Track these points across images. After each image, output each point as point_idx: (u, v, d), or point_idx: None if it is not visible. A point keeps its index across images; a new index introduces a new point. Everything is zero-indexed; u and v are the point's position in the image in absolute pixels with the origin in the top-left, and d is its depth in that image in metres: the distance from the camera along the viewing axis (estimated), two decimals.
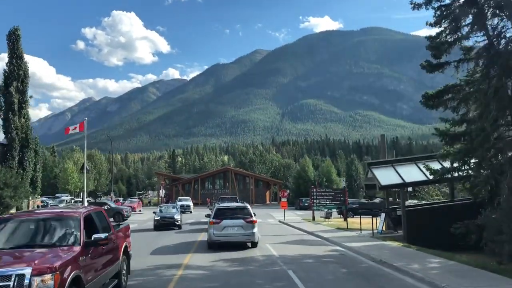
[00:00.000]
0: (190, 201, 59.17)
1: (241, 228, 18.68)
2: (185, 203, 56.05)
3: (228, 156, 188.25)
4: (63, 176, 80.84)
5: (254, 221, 19.18)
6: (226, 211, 19.75)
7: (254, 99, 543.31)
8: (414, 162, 21.87)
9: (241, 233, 18.69)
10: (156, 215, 30.73)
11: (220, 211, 19.70)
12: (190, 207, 55.99)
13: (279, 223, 37.26)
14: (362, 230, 24.89)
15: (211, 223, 18.96)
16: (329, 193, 36.72)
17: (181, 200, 57.61)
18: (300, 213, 51.63)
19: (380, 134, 29.82)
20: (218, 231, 18.59)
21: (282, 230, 30.18)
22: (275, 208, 69.75)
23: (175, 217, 30.30)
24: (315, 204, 36.27)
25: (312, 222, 35.61)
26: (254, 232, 18.90)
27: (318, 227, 29.56)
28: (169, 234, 26.38)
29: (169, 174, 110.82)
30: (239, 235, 18.70)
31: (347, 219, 32.57)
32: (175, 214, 30.84)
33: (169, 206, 35.47)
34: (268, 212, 56.73)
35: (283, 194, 40.45)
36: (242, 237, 18.78)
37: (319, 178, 79.67)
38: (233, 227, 18.61)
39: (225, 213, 19.44)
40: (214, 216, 19.22)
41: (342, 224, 31.00)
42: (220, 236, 18.58)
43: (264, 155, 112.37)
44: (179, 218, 30.87)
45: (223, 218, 18.84)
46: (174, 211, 32.20)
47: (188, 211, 53.85)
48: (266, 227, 32.24)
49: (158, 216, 30.39)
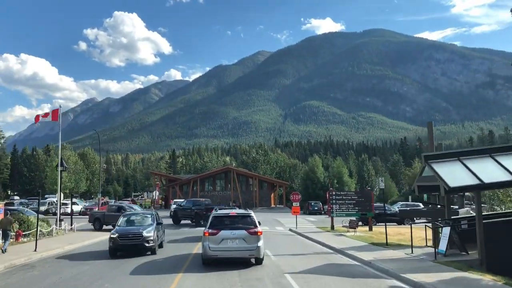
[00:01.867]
0: None
1: (243, 241, 15.58)
2: None
3: (230, 157, 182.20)
4: (50, 175, 74.69)
5: (259, 232, 15.94)
6: (224, 219, 16.41)
7: (257, 100, 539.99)
8: (489, 155, 15.64)
9: (243, 247, 15.55)
10: (114, 230, 19.85)
11: (218, 219, 16.35)
12: None
13: (290, 232, 31.27)
14: (412, 248, 18.61)
15: (206, 234, 15.76)
16: (351, 196, 30.78)
17: (175, 203, 49.68)
18: (311, 219, 45.58)
19: (427, 121, 23.39)
20: (214, 244, 15.52)
21: (298, 244, 24.20)
22: (282, 212, 63.97)
23: (145, 235, 19.03)
24: (334, 210, 30.30)
25: (331, 232, 29.51)
26: (259, 246, 15.68)
27: (345, 241, 23.41)
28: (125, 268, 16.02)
29: (165, 174, 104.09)
30: (240, 249, 15.58)
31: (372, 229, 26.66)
32: (146, 229, 19.44)
33: (138, 213, 23.03)
34: (275, 217, 50.64)
35: (295, 198, 34.00)
36: (244, 252, 15.68)
37: (329, 179, 73.38)
38: (233, 240, 15.57)
39: (224, 222, 16.23)
40: (210, 225, 16.02)
41: (373, 237, 25.00)
42: (217, 250, 15.52)
43: (269, 154, 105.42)
44: (153, 236, 19.36)
45: (221, 228, 15.77)
46: (147, 222, 20.69)
47: None
48: (276, 239, 26.39)
49: (116, 232, 19.24)
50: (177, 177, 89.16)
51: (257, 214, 19.48)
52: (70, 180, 77.12)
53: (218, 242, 15.46)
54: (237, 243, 15.50)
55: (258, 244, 15.59)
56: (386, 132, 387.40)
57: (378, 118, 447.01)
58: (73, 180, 77.97)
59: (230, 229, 15.73)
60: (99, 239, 26.45)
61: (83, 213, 51.03)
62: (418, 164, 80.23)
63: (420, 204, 50.78)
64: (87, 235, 28.18)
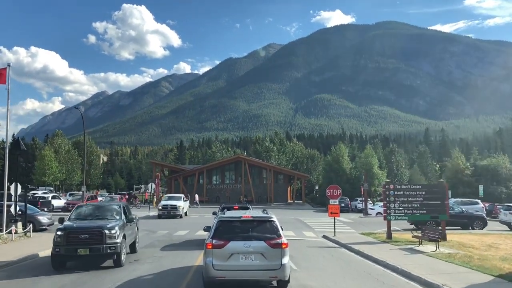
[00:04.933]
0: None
1: (262, 257, 10.91)
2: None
3: (241, 149, 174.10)
4: (39, 165, 66.32)
5: (284, 244, 11.14)
6: (235, 225, 11.57)
7: (267, 93, 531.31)
8: None
9: (261, 265, 10.88)
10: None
11: (225, 225, 11.54)
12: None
13: (328, 242, 22.56)
14: None
15: (208, 246, 11.10)
16: (416, 192, 21.83)
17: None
18: (343, 219, 36.54)
19: None
20: (221, 261, 10.90)
21: (349, 265, 15.70)
22: (303, 210, 55.80)
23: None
24: (393, 210, 21.47)
25: (392, 243, 20.56)
26: (284, 264, 10.98)
27: (439, 268, 14.37)
28: None
29: (167, 164, 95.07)
30: (257, 268, 10.91)
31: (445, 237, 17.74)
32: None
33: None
34: (297, 216, 41.82)
35: (333, 193, 24.64)
36: (263, 273, 11.03)
37: (357, 171, 64.14)
38: (247, 255, 10.93)
39: (234, 228, 11.44)
40: (215, 234, 11.28)
41: (472, 256, 16.01)
42: (225, 270, 10.91)
43: (285, 143, 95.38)
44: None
45: (229, 238, 11.09)
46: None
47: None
48: (310, 253, 17.94)
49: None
50: (181, 168, 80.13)
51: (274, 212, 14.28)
52: (61, 171, 68.73)
53: (225, 257, 11.11)
54: (252, 260, 11.10)
55: (282, 261, 11.12)
56: (398, 125, 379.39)
57: (391, 112, 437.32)
58: (65, 171, 69.56)
59: (242, 240, 11.28)
60: None
61: (64, 209, 42.54)
62: (458, 155, 70.98)
63: (478, 201, 41.68)
64: (44, 242, 19.39)
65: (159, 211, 37.73)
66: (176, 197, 41.58)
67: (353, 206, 54.43)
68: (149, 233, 25.67)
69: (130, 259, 15.60)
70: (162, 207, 37.79)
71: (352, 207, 54.31)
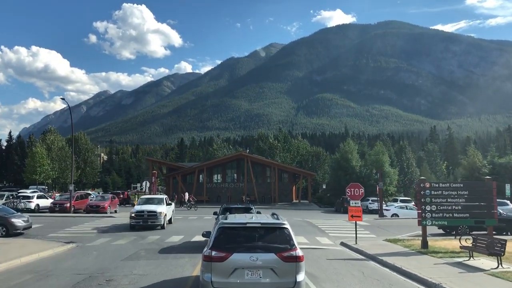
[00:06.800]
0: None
1: (272, 273, 8.71)
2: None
3: (243, 148, 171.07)
4: (29, 163, 62.81)
5: (300, 257, 8.90)
6: (239, 233, 9.20)
7: (269, 93, 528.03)
8: None
9: (272, 283, 8.68)
10: None
11: (227, 233, 9.22)
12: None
13: (349, 252, 18.93)
14: None
15: (207, 258, 8.91)
16: (457, 191, 18.13)
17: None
18: (359, 223, 32.73)
19: None
20: (221, 278, 8.72)
21: None
22: (310, 210, 52.25)
23: None
24: (429, 214, 17.80)
25: (432, 255, 16.83)
26: (300, 282, 8.76)
27: None
28: None
29: (164, 161, 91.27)
30: (266, 287, 8.70)
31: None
32: None
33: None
34: (305, 217, 38.31)
35: (353, 193, 20.98)
36: None
37: (367, 169, 60.28)
38: (254, 270, 8.72)
39: (238, 237, 9.13)
40: (215, 243, 9.05)
41: None
42: None
43: (289, 140, 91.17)
44: None
45: (232, 249, 8.86)
46: None
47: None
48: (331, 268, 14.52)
49: None
50: (180, 165, 76.19)
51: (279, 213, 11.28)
52: (54, 169, 65.20)
53: (227, 273, 8.69)
54: (260, 276, 8.69)
55: (297, 279, 8.71)
56: (400, 125, 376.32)
57: (393, 111, 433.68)
58: (58, 169, 66.03)
59: (248, 251, 8.86)
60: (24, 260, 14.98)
61: (51, 210, 38.93)
62: (474, 152, 67.39)
63: (507, 201, 37.83)
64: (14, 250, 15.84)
65: (132, 219, 26.93)
66: (156, 199, 29.81)
67: (364, 206, 50.70)
68: (138, 238, 22.07)
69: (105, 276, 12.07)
70: (136, 214, 26.81)
71: (363, 207, 50.56)
